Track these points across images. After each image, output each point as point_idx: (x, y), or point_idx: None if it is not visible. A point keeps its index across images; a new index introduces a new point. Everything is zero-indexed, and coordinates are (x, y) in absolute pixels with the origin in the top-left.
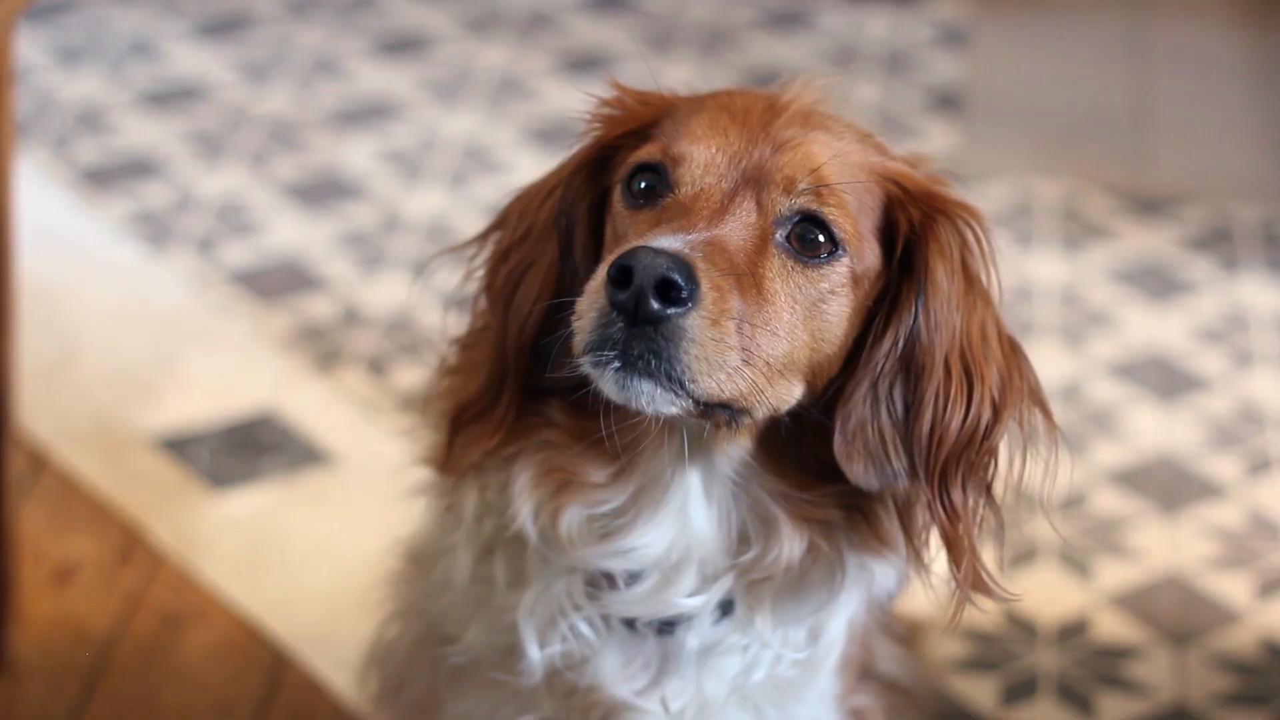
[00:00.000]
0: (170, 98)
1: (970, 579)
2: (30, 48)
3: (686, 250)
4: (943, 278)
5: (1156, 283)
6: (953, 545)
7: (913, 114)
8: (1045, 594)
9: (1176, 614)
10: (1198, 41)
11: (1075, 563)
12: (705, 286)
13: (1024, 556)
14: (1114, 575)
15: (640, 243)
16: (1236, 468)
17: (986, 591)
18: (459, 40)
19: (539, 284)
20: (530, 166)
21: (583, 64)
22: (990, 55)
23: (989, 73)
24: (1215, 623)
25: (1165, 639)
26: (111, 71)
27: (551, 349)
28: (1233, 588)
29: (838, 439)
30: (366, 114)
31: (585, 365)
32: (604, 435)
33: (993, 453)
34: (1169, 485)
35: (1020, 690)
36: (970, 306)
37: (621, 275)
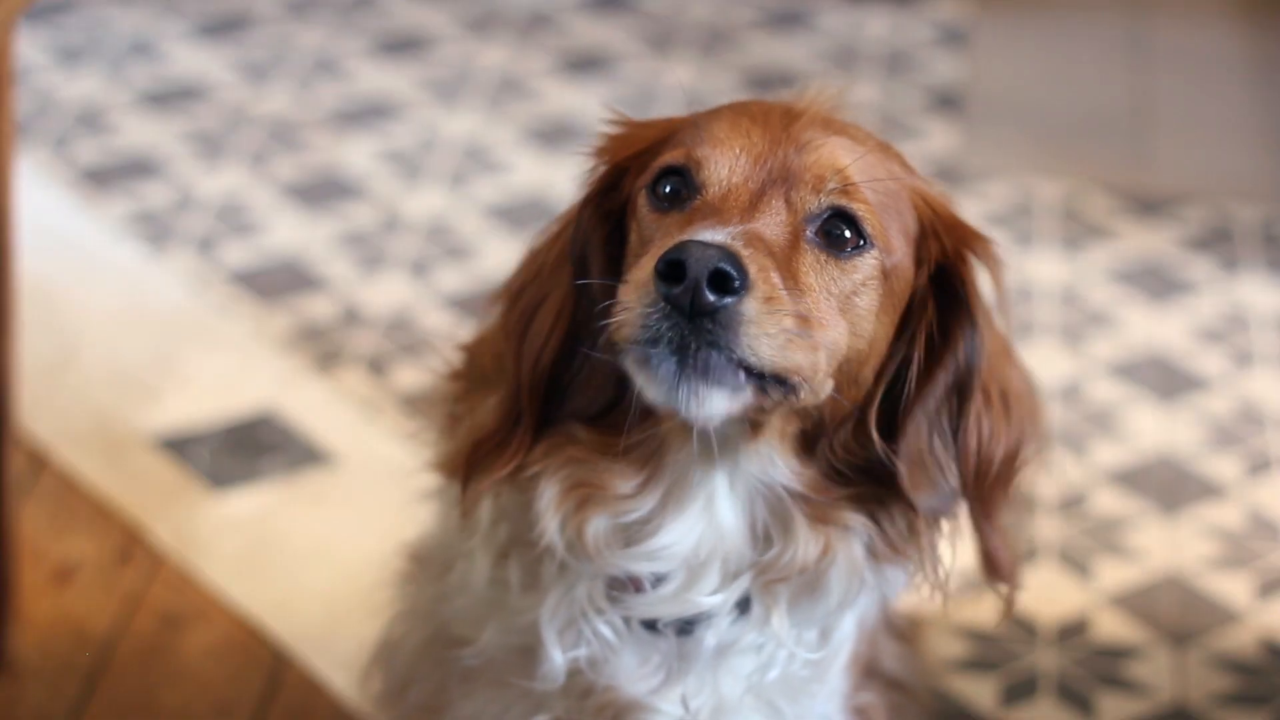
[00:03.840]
0: (170, 98)
1: (1008, 580)
2: (30, 48)
3: (730, 242)
4: (979, 309)
5: (1156, 283)
6: (993, 556)
7: (913, 114)
8: (1045, 594)
9: (1176, 614)
10: (1198, 41)
11: (1075, 563)
12: (754, 271)
13: (1024, 556)
14: (1114, 575)
15: (684, 237)
16: (1236, 468)
17: (1016, 588)
18: (459, 40)
19: (552, 318)
20: (530, 166)
21: (583, 64)
22: (990, 55)
23: (989, 73)
24: (1215, 623)
25: (1165, 639)
26: (111, 71)
27: (565, 382)
28: (1233, 588)
29: (903, 472)
30: (366, 114)
31: (630, 359)
32: (633, 441)
33: (1023, 470)
34: (1169, 485)
35: (1020, 690)
36: (992, 332)
37: (672, 270)
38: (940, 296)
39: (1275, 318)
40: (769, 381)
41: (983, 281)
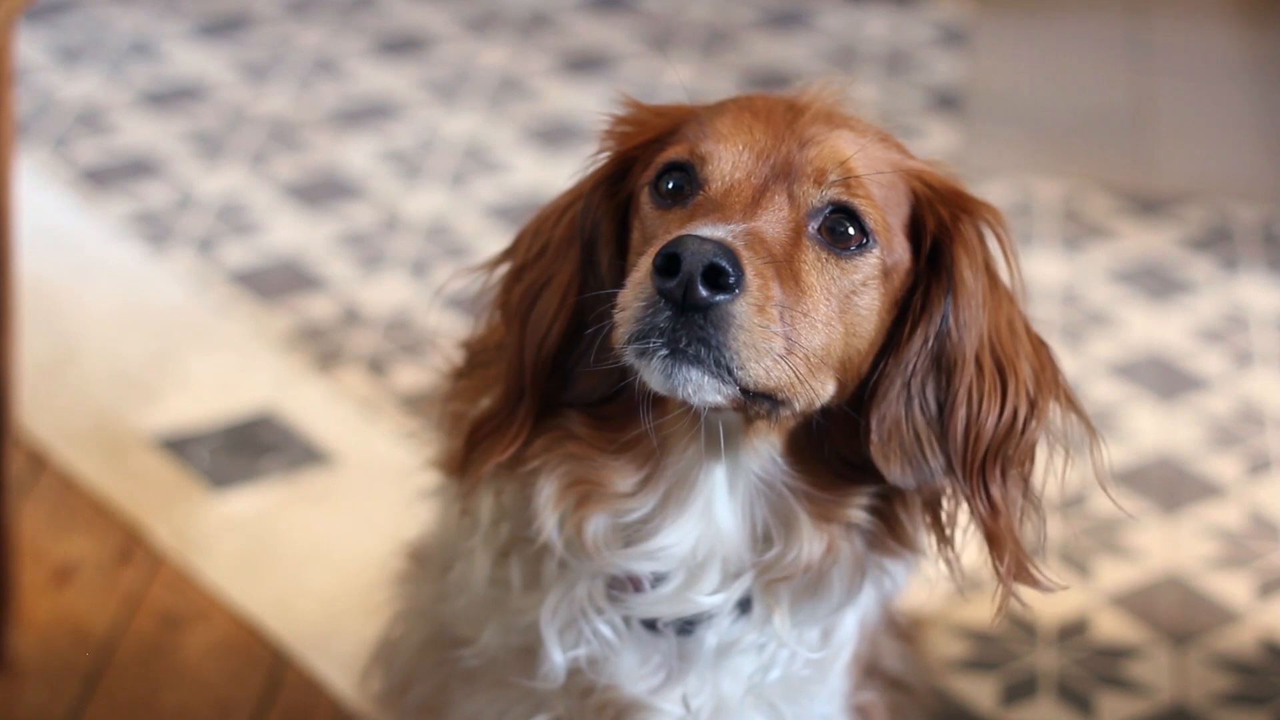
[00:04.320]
0: (170, 98)
1: (1014, 571)
2: (30, 48)
3: (729, 238)
4: (969, 276)
5: (1156, 283)
6: (994, 540)
7: (913, 114)
8: (1045, 594)
9: (1176, 614)
10: (1198, 41)
11: (1075, 563)
12: (750, 273)
13: (1036, 549)
14: (1114, 575)
15: (683, 232)
16: (1236, 468)
17: (1031, 582)
18: (459, 40)
19: (558, 299)
20: (530, 166)
21: (583, 64)
22: (990, 55)
23: (989, 73)
24: (1215, 623)
25: (1165, 639)
26: (111, 71)
27: (570, 364)
28: (1233, 588)
29: (873, 440)
30: (366, 114)
31: (629, 355)
32: (633, 438)
33: (1031, 447)
34: (1169, 485)
35: (1020, 690)
36: (996, 304)
37: (668, 264)
38: (934, 271)
39: (1275, 318)
40: (754, 396)
41: (991, 251)
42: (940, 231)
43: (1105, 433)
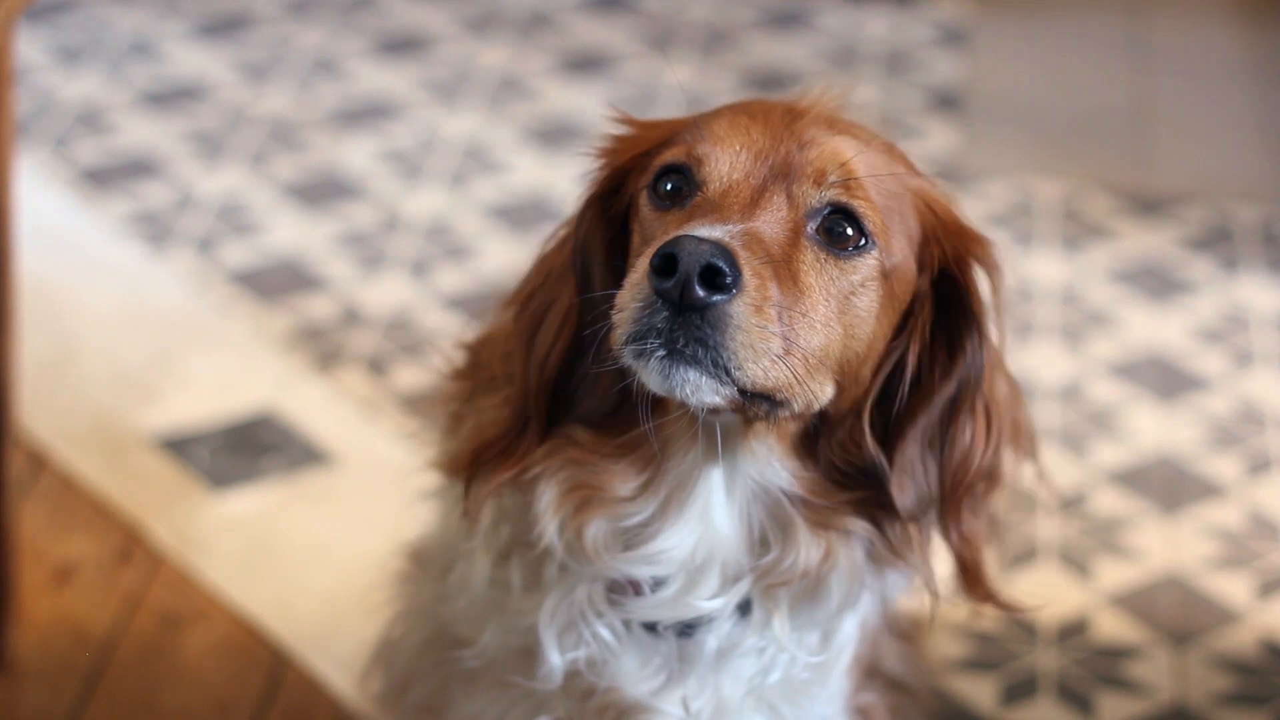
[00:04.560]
0: (170, 98)
1: (982, 595)
2: (30, 48)
3: (727, 239)
4: (980, 318)
5: (1156, 283)
6: (966, 567)
7: (913, 114)
8: (1045, 594)
9: (1176, 614)
10: (1198, 41)
11: (1075, 563)
12: (748, 273)
13: (1024, 556)
14: (1114, 575)
15: (680, 233)
16: (1236, 468)
17: (1001, 605)
18: (459, 40)
19: (558, 323)
20: (530, 166)
21: (583, 64)
22: (990, 55)
23: (989, 73)
24: (1215, 623)
25: (1165, 639)
26: (111, 71)
27: (572, 386)
28: (1233, 588)
29: (895, 474)
30: (366, 114)
31: (627, 356)
32: (633, 442)
33: (1000, 484)
34: (1169, 485)
35: (1020, 690)
36: (989, 343)
37: (665, 264)
38: (941, 300)
39: (1275, 318)
40: (752, 397)
41: (982, 286)
42: (948, 264)
43: (1106, 433)
